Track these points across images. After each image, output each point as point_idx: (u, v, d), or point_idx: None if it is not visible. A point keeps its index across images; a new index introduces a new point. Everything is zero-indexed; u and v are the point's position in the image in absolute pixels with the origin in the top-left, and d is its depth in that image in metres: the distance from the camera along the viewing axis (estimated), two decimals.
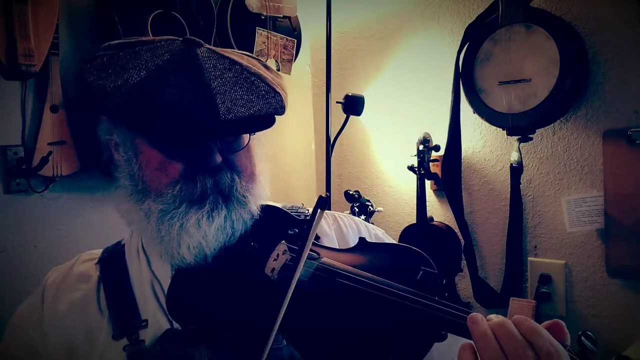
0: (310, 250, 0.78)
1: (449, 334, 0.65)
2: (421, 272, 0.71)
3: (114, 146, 0.84)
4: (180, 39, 0.83)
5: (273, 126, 0.85)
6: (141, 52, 0.78)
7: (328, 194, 0.74)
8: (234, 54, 0.84)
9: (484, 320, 0.60)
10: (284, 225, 0.85)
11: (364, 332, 0.69)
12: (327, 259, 0.77)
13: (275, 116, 0.85)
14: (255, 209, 0.84)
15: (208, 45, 0.83)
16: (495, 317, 0.61)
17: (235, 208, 0.81)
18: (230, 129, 0.78)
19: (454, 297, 1.95)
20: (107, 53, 0.80)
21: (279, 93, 0.83)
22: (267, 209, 0.88)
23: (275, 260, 0.78)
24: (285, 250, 0.79)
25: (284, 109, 0.84)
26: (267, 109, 0.80)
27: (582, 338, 0.61)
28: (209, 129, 0.76)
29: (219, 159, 0.79)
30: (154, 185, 0.79)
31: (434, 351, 0.71)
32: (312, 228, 0.69)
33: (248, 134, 0.85)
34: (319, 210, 0.70)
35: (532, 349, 0.56)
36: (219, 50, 0.83)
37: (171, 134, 0.77)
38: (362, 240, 0.85)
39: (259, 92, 0.80)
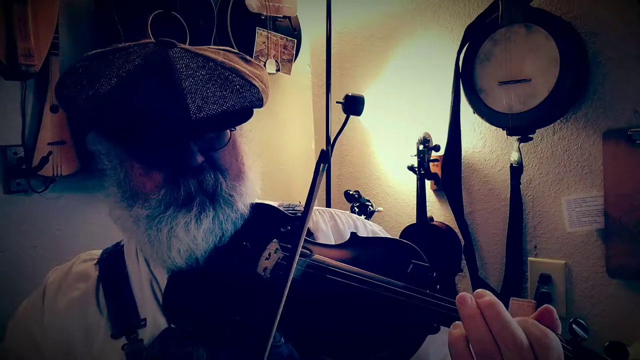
0: (303, 247, 0.78)
1: (443, 327, 0.65)
2: (411, 266, 0.71)
3: (100, 155, 0.85)
4: (154, 41, 0.82)
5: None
6: (114, 60, 0.78)
7: (329, 147, 0.73)
8: (209, 51, 0.84)
9: (473, 301, 0.59)
10: (276, 223, 0.85)
11: (358, 327, 0.69)
12: (318, 255, 0.77)
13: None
14: (243, 207, 0.84)
15: (182, 45, 0.82)
16: (483, 293, 0.60)
17: (222, 208, 0.81)
18: (203, 127, 0.78)
19: (455, 297, 1.95)
20: (83, 64, 0.80)
21: (254, 86, 0.81)
22: (258, 207, 0.88)
23: (267, 259, 0.78)
24: (277, 249, 0.79)
25: (262, 101, 0.83)
26: (241, 103, 0.79)
27: (573, 325, 0.61)
28: (182, 129, 0.75)
29: (200, 158, 0.79)
30: (140, 191, 0.80)
31: (430, 346, 0.70)
32: (315, 188, 0.68)
33: (229, 131, 0.85)
34: (321, 165, 0.68)
35: (522, 332, 0.55)
36: (193, 48, 0.82)
37: (145, 139, 0.77)
38: (353, 235, 0.84)
39: (233, 87, 0.79)
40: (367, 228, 0.99)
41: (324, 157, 0.68)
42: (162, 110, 0.74)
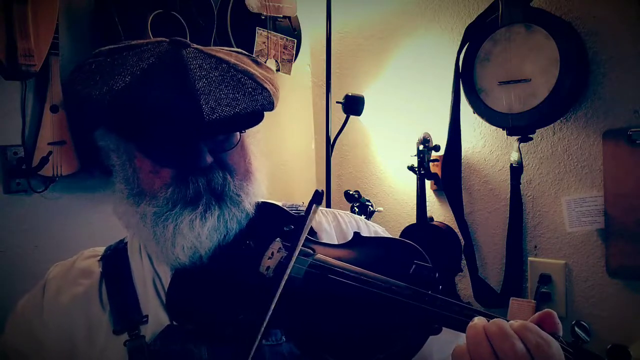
0: (306, 246, 0.78)
1: (448, 329, 0.66)
2: (414, 266, 0.71)
3: (109, 151, 0.85)
4: (167, 40, 0.83)
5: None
6: (128, 57, 0.79)
7: (323, 190, 0.74)
8: (222, 52, 0.84)
9: (481, 320, 0.60)
10: (280, 222, 0.85)
11: (359, 327, 0.69)
12: (321, 255, 0.77)
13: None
14: (249, 207, 0.85)
15: (195, 45, 0.83)
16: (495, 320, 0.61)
17: (229, 207, 0.81)
18: (216, 129, 0.79)
19: (454, 297, 1.95)
20: (96, 60, 0.81)
21: (266, 89, 0.82)
22: (263, 207, 0.89)
23: (269, 258, 0.78)
24: (280, 248, 0.79)
25: (272, 104, 0.84)
26: (253, 106, 0.80)
27: (576, 328, 0.61)
28: (194, 130, 0.76)
29: (209, 159, 0.79)
30: (149, 188, 0.80)
31: (433, 345, 0.70)
32: (306, 223, 0.70)
33: (239, 132, 0.85)
34: (313, 205, 0.70)
35: (522, 344, 0.56)
36: (206, 49, 0.83)
37: (157, 138, 0.78)
38: (356, 234, 0.85)
39: (246, 89, 0.79)
40: (370, 228, 0.99)
41: (317, 198, 0.70)
42: (176, 110, 0.74)
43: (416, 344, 0.66)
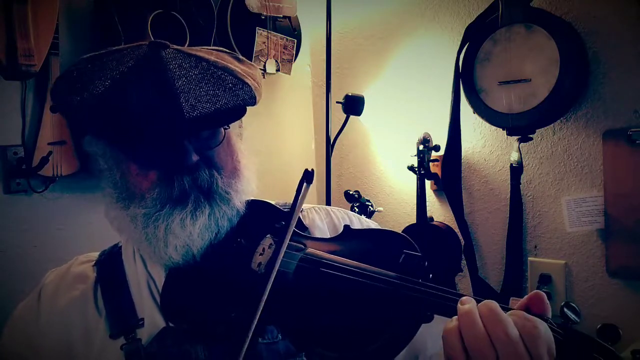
0: (296, 241, 0.79)
1: (441, 320, 0.66)
2: (403, 256, 0.71)
3: (97, 157, 0.86)
4: (147, 43, 0.83)
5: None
6: (107, 62, 0.79)
7: (313, 169, 0.74)
8: (203, 51, 0.85)
9: (472, 300, 0.61)
10: (270, 219, 0.85)
11: (351, 318, 0.70)
12: (312, 249, 0.78)
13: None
14: (239, 204, 0.85)
15: (175, 46, 0.83)
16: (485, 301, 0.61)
17: (219, 205, 0.81)
18: (197, 126, 0.79)
19: None
20: (77, 67, 0.81)
21: (247, 84, 0.82)
22: (253, 204, 0.89)
23: (261, 254, 0.78)
24: (271, 244, 0.79)
25: (255, 99, 0.84)
26: (234, 101, 0.80)
27: (565, 309, 0.62)
28: (176, 128, 0.76)
29: (195, 157, 0.79)
30: (137, 190, 0.81)
31: (427, 337, 0.71)
32: (297, 203, 0.69)
33: (223, 129, 0.85)
34: (304, 184, 0.70)
35: (514, 327, 0.57)
36: (186, 49, 0.83)
37: (140, 139, 0.78)
38: (346, 227, 0.85)
39: (226, 85, 0.79)
40: (362, 223, 1.00)
41: (308, 177, 0.69)
42: (156, 110, 0.74)
43: (408, 333, 0.67)
